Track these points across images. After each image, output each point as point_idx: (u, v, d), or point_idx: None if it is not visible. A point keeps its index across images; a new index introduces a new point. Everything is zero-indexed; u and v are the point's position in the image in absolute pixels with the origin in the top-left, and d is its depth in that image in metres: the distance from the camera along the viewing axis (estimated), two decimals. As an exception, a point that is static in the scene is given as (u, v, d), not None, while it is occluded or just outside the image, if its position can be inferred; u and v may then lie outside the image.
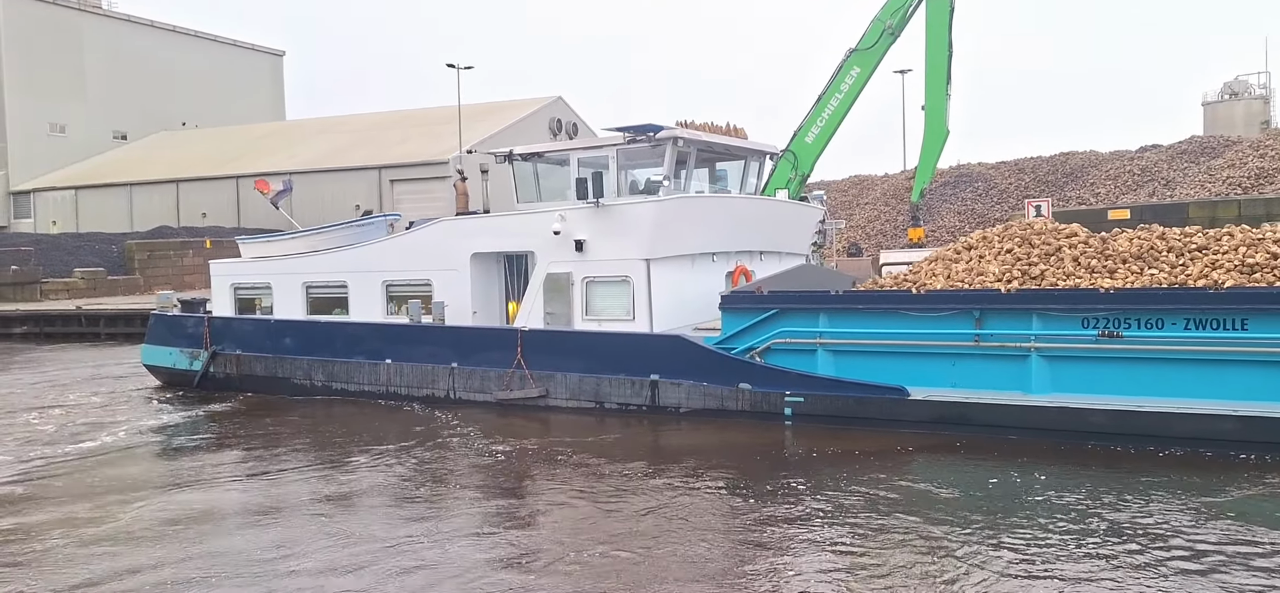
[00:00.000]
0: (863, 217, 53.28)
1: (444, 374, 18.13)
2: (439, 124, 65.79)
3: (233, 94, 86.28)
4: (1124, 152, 50.08)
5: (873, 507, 10.67)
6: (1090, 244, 13.88)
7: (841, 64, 33.53)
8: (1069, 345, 13.05)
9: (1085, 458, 12.29)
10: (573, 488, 11.95)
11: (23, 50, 72.14)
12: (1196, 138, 49.28)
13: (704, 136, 17.90)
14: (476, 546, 9.79)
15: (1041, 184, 49.15)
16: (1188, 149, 47.12)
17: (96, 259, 51.75)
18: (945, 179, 52.01)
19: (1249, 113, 50.96)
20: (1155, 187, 44.78)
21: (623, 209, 16.95)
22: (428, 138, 65.04)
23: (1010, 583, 8.30)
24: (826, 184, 56.46)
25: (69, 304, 41.01)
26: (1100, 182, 47.27)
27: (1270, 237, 13.00)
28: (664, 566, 8.95)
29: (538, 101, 68.31)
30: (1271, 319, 11.98)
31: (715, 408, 15.53)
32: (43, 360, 29.70)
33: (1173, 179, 44.76)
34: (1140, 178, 46.09)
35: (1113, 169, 47.76)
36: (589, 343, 16.83)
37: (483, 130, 59.49)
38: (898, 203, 51.80)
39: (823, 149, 34.89)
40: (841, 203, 55.03)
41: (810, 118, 34.53)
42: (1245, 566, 8.53)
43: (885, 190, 55.57)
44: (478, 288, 18.55)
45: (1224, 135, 48.84)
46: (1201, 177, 43.06)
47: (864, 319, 14.50)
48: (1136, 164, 47.23)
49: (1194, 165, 45.08)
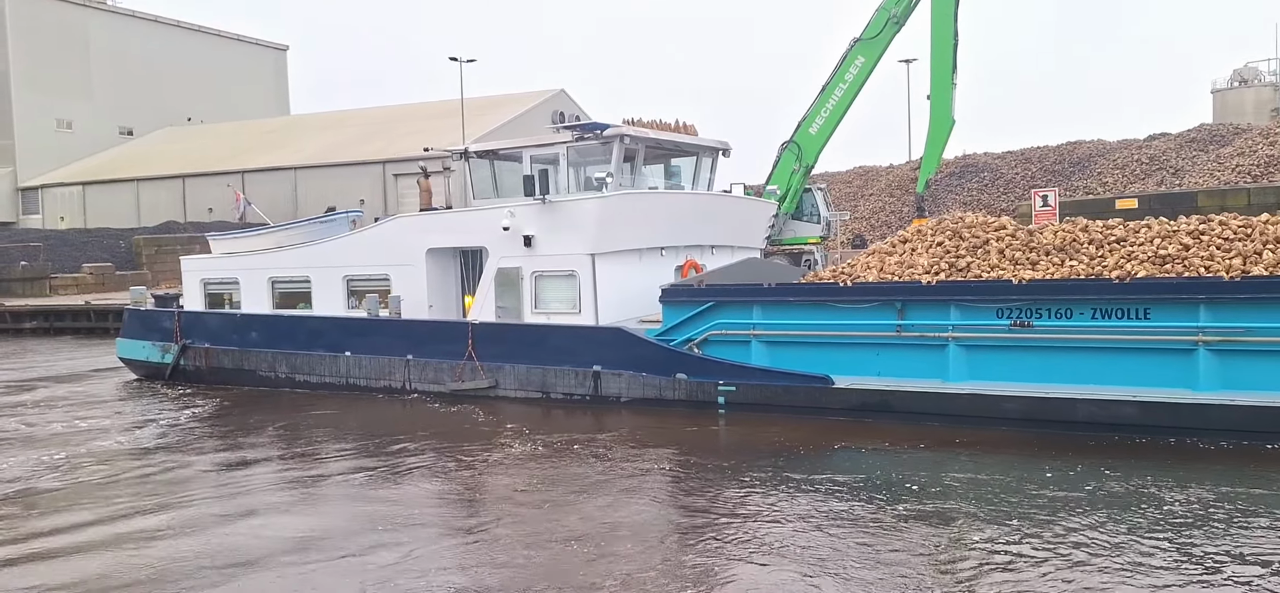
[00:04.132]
0: (867, 208, 53.05)
1: (400, 366, 18.66)
2: (443, 118, 65.77)
3: (237, 89, 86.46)
4: (1132, 140, 49.72)
5: (802, 494, 10.85)
6: (1017, 237, 14.35)
7: (846, 53, 33.38)
8: (984, 335, 13.53)
9: (1001, 444, 12.61)
10: (519, 483, 12.07)
11: (29, 47, 72.48)
12: (1206, 126, 48.89)
13: (651, 134, 18.34)
14: (426, 537, 9.82)
15: (1048, 174, 48.83)
16: (1197, 137, 46.75)
17: (105, 255, 51.92)
18: (951, 169, 51.72)
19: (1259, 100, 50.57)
20: (1163, 175, 44.45)
21: (569, 205, 17.46)
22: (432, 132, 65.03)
23: (919, 559, 8.60)
24: (831, 175, 56.17)
25: (78, 299, 41.16)
26: (1108, 171, 46.95)
27: (1185, 229, 13.29)
28: (611, 560, 8.98)
29: (540, 95, 68.25)
30: (1171, 309, 12.38)
31: (654, 398, 16.01)
32: (37, 352, 29.95)
33: (1181, 167, 44.43)
34: (1148, 167, 45.76)
35: (1120, 158, 47.44)
36: (535, 336, 17.41)
37: (487, 124, 59.48)
38: (903, 194, 51.58)
39: (827, 139, 34.76)
40: (846, 194, 54.75)
41: (815, 108, 34.40)
42: (1154, 538, 8.81)
43: (890, 181, 55.31)
44: (434, 282, 19.10)
45: (1233, 123, 48.46)
46: (1211, 165, 42.72)
47: (794, 311, 15.01)
48: (1145, 153, 46.89)
49: (1203, 154, 44.72)
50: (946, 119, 32.85)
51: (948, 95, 32.47)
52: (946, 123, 32.92)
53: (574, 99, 68.67)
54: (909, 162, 56.32)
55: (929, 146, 34.03)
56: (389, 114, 73.41)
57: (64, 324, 37.34)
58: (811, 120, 34.45)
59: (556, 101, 67.42)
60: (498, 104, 67.29)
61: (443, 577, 8.60)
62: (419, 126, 67.28)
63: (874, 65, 33.40)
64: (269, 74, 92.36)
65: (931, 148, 33.99)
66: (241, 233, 23.62)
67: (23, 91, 72.37)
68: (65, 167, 74.55)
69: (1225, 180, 40.51)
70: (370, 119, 72.95)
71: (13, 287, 45.26)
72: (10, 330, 37.73)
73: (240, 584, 8.64)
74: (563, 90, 69.42)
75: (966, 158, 53.70)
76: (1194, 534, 8.95)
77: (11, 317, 38.32)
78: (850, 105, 33.99)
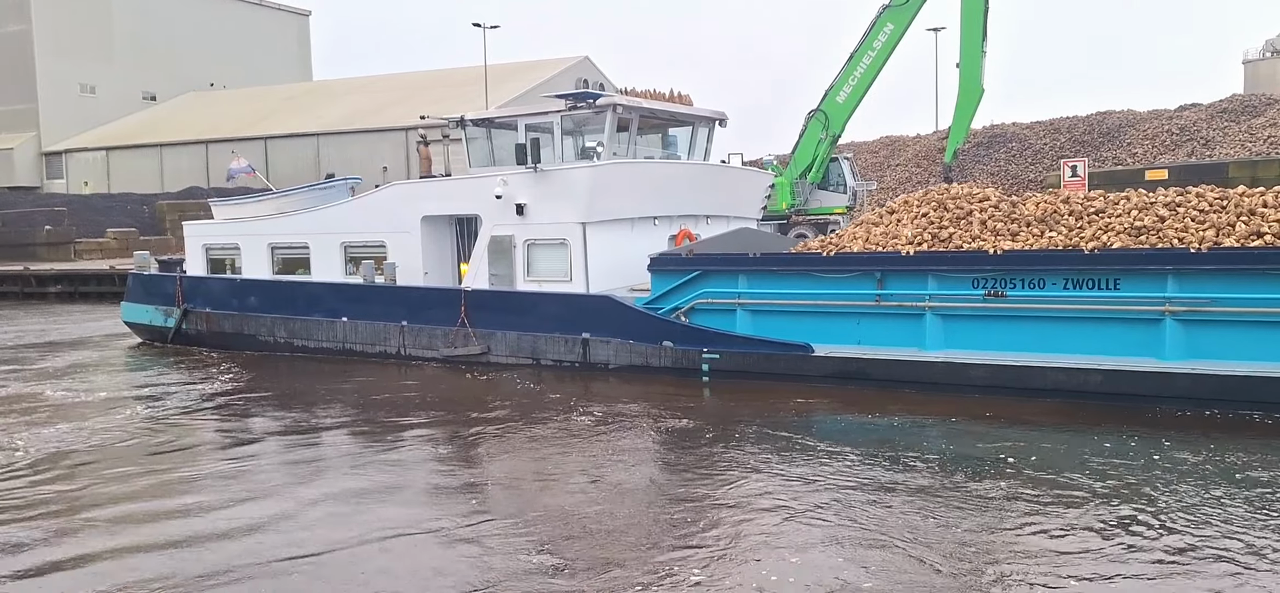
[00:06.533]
0: (894, 178, 52.47)
1: (395, 332, 18.86)
2: (467, 84, 65.57)
3: (259, 54, 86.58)
4: (1162, 110, 48.81)
5: (780, 456, 10.99)
6: (1000, 208, 14.42)
7: (875, 21, 32.95)
8: (960, 304, 13.78)
9: (972, 409, 12.71)
10: (513, 449, 12.10)
11: (52, 12, 72.78)
12: (1237, 96, 47.94)
13: (645, 104, 18.36)
14: (423, 506, 9.77)
15: (1077, 144, 48.07)
16: (1228, 108, 45.82)
17: (128, 219, 52.25)
18: (979, 140, 50.98)
19: (1293, 70, 49.69)
20: (1194, 146, 43.64)
21: (561, 174, 17.51)
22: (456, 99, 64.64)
23: (885, 510, 8.81)
24: (858, 145, 55.57)
25: (103, 263, 41.44)
26: (1137, 141, 46.15)
27: (1161, 200, 13.23)
28: (606, 527, 8.94)
29: (564, 62, 67.83)
30: (1140, 279, 12.58)
31: (641, 365, 16.23)
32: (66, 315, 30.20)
33: (1212, 138, 43.60)
34: (1179, 137, 44.93)
35: (1150, 128, 46.59)
36: (526, 303, 17.58)
37: (510, 91, 59.22)
38: (930, 164, 50.99)
39: (855, 108, 34.38)
40: (872, 164, 54.14)
41: (842, 76, 34.01)
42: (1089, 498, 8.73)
43: (917, 151, 54.63)
44: (429, 250, 19.26)
45: (1266, 93, 47.57)
46: (1242, 136, 41.91)
47: (778, 280, 15.25)
48: (1175, 123, 46.02)
49: (1234, 124, 43.86)
50: (976, 88, 32.35)
51: (977, 64, 31.96)
52: (975, 92, 32.42)
53: (599, 67, 68.23)
54: (937, 131, 55.63)
55: (957, 116, 33.54)
56: (412, 80, 73.26)
57: (88, 289, 37.64)
58: (839, 89, 34.06)
59: (581, 69, 66.99)
60: (521, 71, 66.95)
61: (439, 546, 8.54)
62: (443, 93, 67.10)
63: (903, 33, 32.93)
64: (292, 39, 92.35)
65: (960, 117, 33.51)
66: (243, 199, 23.77)
67: (46, 57, 72.75)
68: (89, 132, 75.03)
69: (1257, 151, 39.77)
70: (393, 85, 72.84)
71: (37, 251, 45.65)
72: (36, 295, 38.11)
73: (235, 550, 8.55)
74: (587, 57, 68.95)
75: (995, 128, 52.93)
76: (1130, 494, 8.84)
77: (36, 280, 38.67)
78: (878, 73, 33.55)
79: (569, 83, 68.76)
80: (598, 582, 7.52)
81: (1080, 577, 7.31)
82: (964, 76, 32.50)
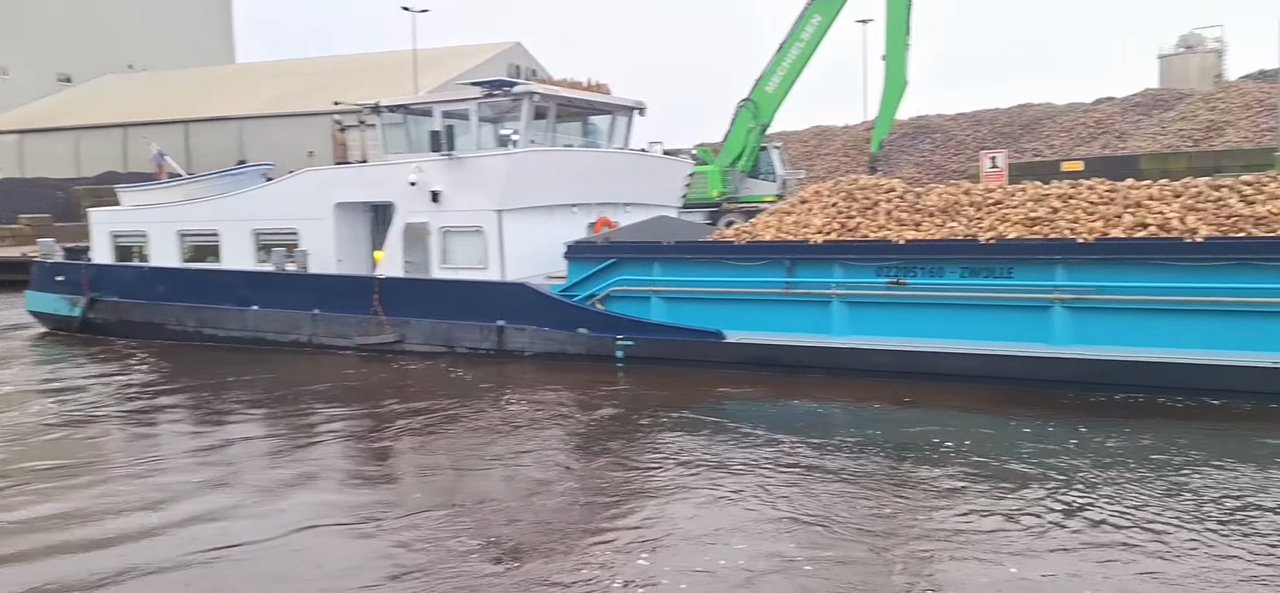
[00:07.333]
0: (824, 167, 53.24)
1: (306, 320, 18.67)
2: (397, 69, 64.50)
3: (180, 35, 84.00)
4: (1079, 104, 50.37)
5: (699, 444, 11.09)
6: (904, 198, 14.79)
7: (803, 12, 33.39)
8: (864, 292, 14.16)
9: (878, 394, 13.06)
10: (431, 438, 12.03)
11: (-40, -11, 69.50)
12: (1151, 91, 49.72)
13: (562, 92, 18.41)
14: (340, 498, 9.62)
15: (999, 136, 49.34)
16: (1142, 102, 47.47)
17: (43, 205, 50.32)
18: (905, 130, 52.04)
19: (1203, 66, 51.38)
20: (1109, 138, 45.12)
21: (476, 162, 17.48)
22: (385, 84, 63.53)
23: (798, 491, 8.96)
24: (788, 134, 56.22)
25: (14, 251, 39.94)
26: (1055, 133, 47.55)
27: (1056, 192, 13.72)
28: (513, 509, 9.02)
29: (496, 47, 67.15)
30: (1032, 268, 13.03)
31: (556, 352, 16.31)
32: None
33: (1126, 131, 45.14)
34: (1094, 130, 46.42)
35: (1068, 121, 48.05)
36: (440, 290, 17.54)
37: (440, 76, 58.43)
38: (858, 154, 51.84)
39: (784, 97, 34.80)
40: (802, 153, 54.87)
41: (772, 66, 34.39)
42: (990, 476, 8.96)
43: (846, 141, 55.54)
44: (342, 237, 19.05)
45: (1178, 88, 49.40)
46: (1154, 129, 43.52)
47: (692, 268, 15.45)
48: (1091, 116, 47.51)
49: (1147, 118, 45.46)
50: (900, 81, 33.06)
51: (901, 57, 32.66)
52: (899, 84, 33.14)
53: (531, 53, 67.76)
54: (865, 122, 56.55)
55: (883, 107, 34.26)
56: (340, 64, 71.85)
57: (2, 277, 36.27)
58: (768, 78, 34.44)
59: (512, 55, 66.48)
60: (452, 56, 66.10)
61: (357, 540, 8.42)
62: (371, 78, 65.85)
63: (830, 25, 33.43)
64: (214, 20, 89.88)
65: (885, 109, 34.23)
66: (151, 185, 23.16)
67: (-45, 36, 69.60)
68: (0, 115, 72.00)
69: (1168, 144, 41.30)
70: (320, 69, 71.30)
71: (-54, 238, 43.78)
72: (-56, 283, 36.56)
73: (149, 548, 8.33)
74: (519, 44, 68.35)
75: (920, 119, 54.08)
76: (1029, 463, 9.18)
77: (-55, 268, 37.13)
78: (806, 64, 34.02)
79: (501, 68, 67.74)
80: (527, 571, 7.48)
81: (1013, 552, 7.53)
82: (889, 69, 33.18)
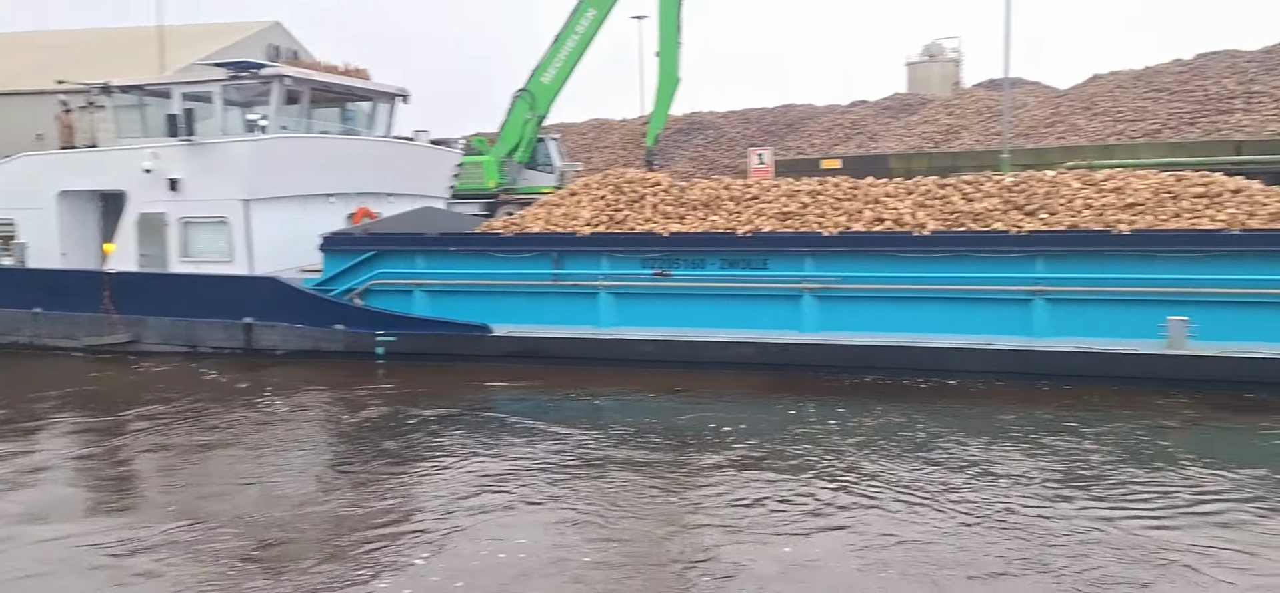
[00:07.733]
0: (602, 159, 53.86)
1: (26, 320, 17.29)
2: (143, 45, 59.13)
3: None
4: (837, 105, 53.89)
5: (457, 434, 11.20)
6: (670, 193, 15.33)
7: (577, 5, 33.51)
8: (631, 283, 14.52)
9: (642, 383, 13.35)
10: (174, 449, 11.16)
11: None
12: (899, 95, 53.88)
13: (316, 76, 17.69)
14: (73, 523, 8.72)
15: (765, 133, 51.85)
16: (891, 105, 51.31)
17: None
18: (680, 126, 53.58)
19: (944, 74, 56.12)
20: (863, 139, 48.52)
21: (220, 148, 16.55)
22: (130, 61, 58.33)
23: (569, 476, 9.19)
24: (567, 126, 56.50)
25: None
26: (816, 132, 50.55)
27: (805, 188, 14.70)
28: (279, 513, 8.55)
29: (253, 26, 62.88)
30: (784, 260, 13.87)
31: (311, 349, 15.81)
32: None
33: (877, 132, 48.64)
34: (850, 131, 49.73)
35: (827, 121, 51.21)
36: (180, 286, 16.55)
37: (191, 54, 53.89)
38: (635, 147, 52.83)
39: (560, 89, 34.76)
40: (581, 145, 55.31)
41: (548, 57, 34.24)
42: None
43: (623, 134, 56.50)
44: (67, 228, 17.63)
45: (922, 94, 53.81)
46: (901, 131, 47.19)
47: (457, 261, 15.31)
48: (847, 117, 50.88)
49: (895, 120, 49.27)
50: (673, 77, 33.83)
51: (674, 54, 33.41)
52: (673, 81, 33.91)
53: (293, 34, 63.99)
54: (641, 116, 57.64)
55: (658, 103, 34.92)
56: (76, 39, 64.92)
57: None
58: (545, 69, 34.27)
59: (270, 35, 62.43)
60: (205, 34, 61.25)
61: (94, 570, 7.62)
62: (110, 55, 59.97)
63: (603, 19, 33.69)
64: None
65: (660, 104, 34.92)
66: None
67: None
68: None
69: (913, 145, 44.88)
70: (53, 44, 64.09)
71: None
72: None
73: None
74: (278, 23, 64.39)
75: (694, 115, 55.85)
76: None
77: None
78: (582, 57, 34.15)
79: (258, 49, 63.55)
80: (298, 582, 7.04)
81: (788, 533, 7.79)
82: (663, 66, 33.91)
